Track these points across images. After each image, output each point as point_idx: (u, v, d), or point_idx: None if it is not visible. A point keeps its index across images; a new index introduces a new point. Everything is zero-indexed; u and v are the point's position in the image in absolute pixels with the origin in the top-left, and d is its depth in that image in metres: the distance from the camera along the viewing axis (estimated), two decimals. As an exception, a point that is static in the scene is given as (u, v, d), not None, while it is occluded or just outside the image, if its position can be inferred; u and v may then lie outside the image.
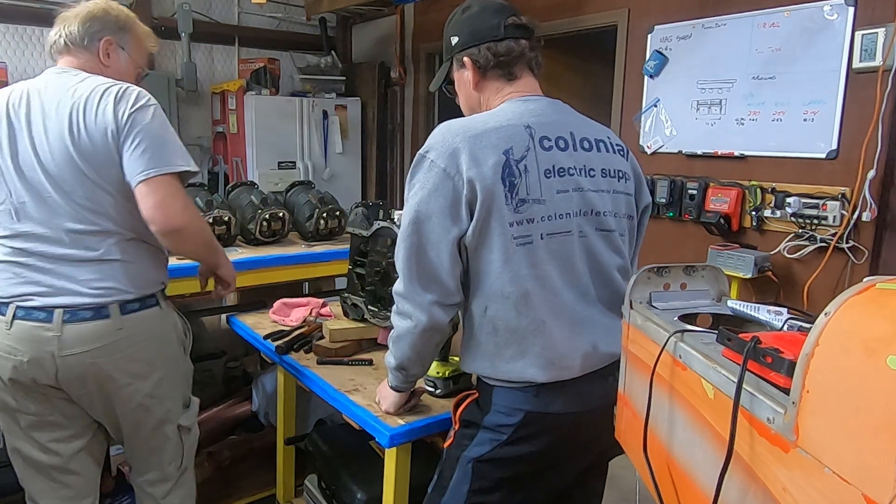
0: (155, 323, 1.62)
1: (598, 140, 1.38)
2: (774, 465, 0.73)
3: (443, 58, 1.46)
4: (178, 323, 1.73)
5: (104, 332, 1.51)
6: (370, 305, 1.88)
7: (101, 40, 1.59)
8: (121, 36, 1.63)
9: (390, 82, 5.18)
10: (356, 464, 1.91)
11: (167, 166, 1.48)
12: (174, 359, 1.71)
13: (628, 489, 1.88)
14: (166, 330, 1.67)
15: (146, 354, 1.61)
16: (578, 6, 3.65)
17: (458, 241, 1.24)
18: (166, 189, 1.48)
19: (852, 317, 0.67)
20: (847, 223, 2.58)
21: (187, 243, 1.58)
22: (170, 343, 1.69)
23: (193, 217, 1.56)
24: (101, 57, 1.60)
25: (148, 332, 1.61)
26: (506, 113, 1.31)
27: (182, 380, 1.77)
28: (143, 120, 1.48)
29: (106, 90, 1.49)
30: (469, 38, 1.37)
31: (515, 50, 1.36)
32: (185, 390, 1.79)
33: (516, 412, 1.29)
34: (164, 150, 1.49)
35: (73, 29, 1.57)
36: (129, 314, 1.54)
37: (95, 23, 1.58)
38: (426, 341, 1.32)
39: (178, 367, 1.74)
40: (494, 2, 1.41)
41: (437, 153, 1.24)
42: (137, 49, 1.68)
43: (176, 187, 1.50)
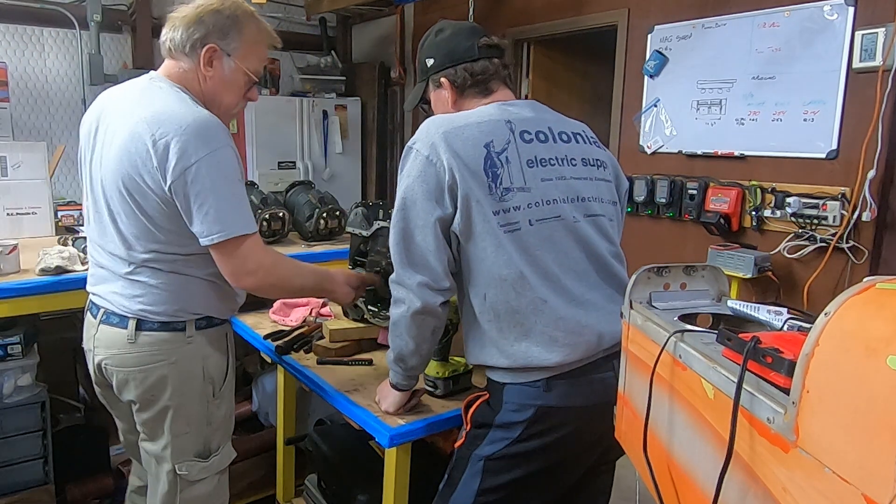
0: (172, 349, 1.49)
1: (574, 133, 1.45)
2: (774, 465, 0.73)
3: (419, 78, 1.53)
4: (213, 361, 1.55)
5: (119, 339, 1.49)
6: (370, 305, 1.87)
7: (203, 48, 1.43)
8: (227, 42, 1.45)
9: (390, 82, 5.19)
10: (356, 464, 1.91)
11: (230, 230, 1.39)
12: (191, 396, 1.53)
13: (628, 489, 1.88)
14: (187, 361, 1.51)
15: (154, 379, 1.49)
16: (578, 6, 3.65)
17: (443, 225, 1.29)
18: (233, 253, 1.41)
19: (852, 317, 0.67)
20: (847, 223, 2.58)
21: (269, 295, 1.65)
22: (189, 377, 1.52)
23: (266, 276, 1.46)
24: (202, 66, 1.45)
25: (160, 356, 1.48)
26: (487, 110, 1.38)
27: (198, 423, 1.55)
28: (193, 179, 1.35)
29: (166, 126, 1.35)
30: (445, 60, 1.44)
31: (490, 69, 1.43)
32: (202, 437, 1.57)
33: (527, 408, 1.31)
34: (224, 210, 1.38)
35: (176, 34, 1.44)
36: (144, 331, 1.48)
37: (200, 27, 1.43)
38: (420, 326, 1.34)
39: (194, 406, 1.54)
40: (465, 24, 1.49)
41: (422, 143, 1.31)
42: (248, 55, 1.48)
43: (245, 250, 1.42)
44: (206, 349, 1.54)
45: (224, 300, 1.57)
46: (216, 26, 1.44)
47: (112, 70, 4.46)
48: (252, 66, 1.51)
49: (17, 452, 2.16)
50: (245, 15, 1.48)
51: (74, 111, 4.51)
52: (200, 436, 1.56)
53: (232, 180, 1.39)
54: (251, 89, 1.55)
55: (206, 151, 1.34)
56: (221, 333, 1.59)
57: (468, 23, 1.51)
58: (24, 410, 2.15)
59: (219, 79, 1.48)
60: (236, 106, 1.56)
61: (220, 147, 1.37)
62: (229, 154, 1.39)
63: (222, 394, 1.59)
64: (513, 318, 1.31)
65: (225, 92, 1.50)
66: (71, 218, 3.07)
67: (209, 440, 1.58)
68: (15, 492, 2.16)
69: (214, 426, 1.58)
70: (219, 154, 1.36)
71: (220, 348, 1.58)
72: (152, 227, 1.42)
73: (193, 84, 1.48)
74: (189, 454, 1.56)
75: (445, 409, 1.55)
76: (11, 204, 2.60)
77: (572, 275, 1.33)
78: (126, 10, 4.54)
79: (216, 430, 1.59)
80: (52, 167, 3.10)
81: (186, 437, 1.54)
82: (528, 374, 1.31)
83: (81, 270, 2.02)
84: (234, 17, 1.45)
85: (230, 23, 1.45)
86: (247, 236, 1.42)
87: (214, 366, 1.56)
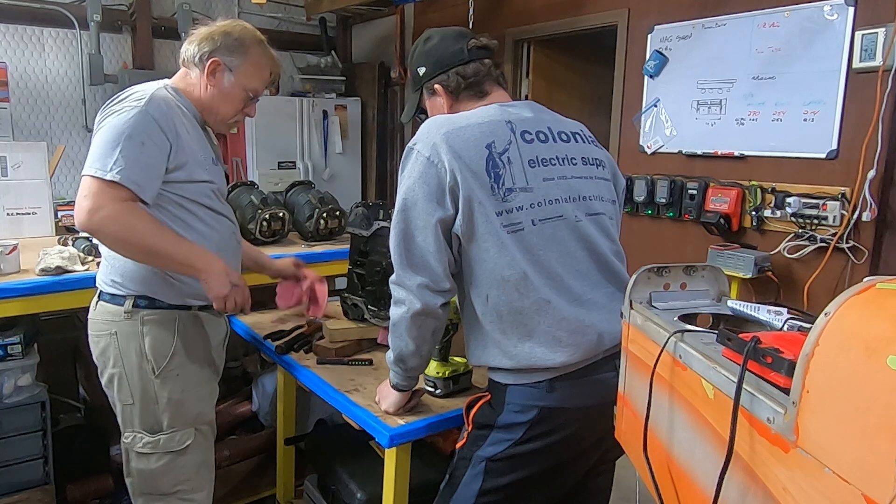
0: (114, 321, 1.60)
1: (573, 132, 1.46)
2: (774, 465, 0.73)
3: (412, 89, 1.53)
4: (152, 340, 1.60)
5: (91, 306, 1.68)
6: (370, 305, 1.87)
7: (209, 61, 1.62)
8: (231, 59, 1.64)
9: (390, 82, 5.19)
10: (356, 464, 1.91)
11: (89, 168, 1.46)
12: (130, 369, 1.62)
13: (628, 489, 1.88)
14: (125, 335, 1.60)
15: (102, 346, 1.64)
16: (578, 6, 3.65)
17: (444, 226, 1.29)
18: (82, 189, 1.46)
19: (852, 317, 0.67)
20: (847, 223, 2.58)
21: (114, 247, 1.53)
22: (127, 351, 1.61)
23: (105, 220, 1.44)
24: (206, 76, 1.63)
25: (106, 326, 1.62)
26: (488, 111, 1.38)
27: (142, 397, 1.63)
28: (106, 117, 1.51)
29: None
30: (436, 67, 1.45)
31: (482, 70, 1.44)
32: (149, 413, 1.64)
33: (530, 409, 1.31)
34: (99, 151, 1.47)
35: (191, 48, 1.64)
36: (101, 301, 1.65)
37: (208, 43, 1.62)
38: (420, 327, 1.34)
39: (135, 379, 1.62)
40: (452, 29, 1.49)
41: (423, 144, 1.31)
42: (249, 74, 1.67)
43: (92, 189, 1.44)
44: (144, 328, 1.61)
45: (171, 285, 1.61)
46: (224, 44, 1.63)
47: (112, 70, 4.46)
48: (251, 85, 1.68)
49: (16, 452, 2.16)
50: (252, 40, 1.67)
51: (74, 111, 4.51)
52: (147, 411, 1.64)
53: (123, 132, 1.46)
54: (249, 105, 1.73)
55: (126, 104, 1.51)
56: (167, 317, 1.62)
57: (454, 27, 1.51)
58: (24, 410, 2.15)
59: (218, 90, 1.65)
60: (232, 118, 1.72)
61: (140, 109, 1.49)
62: (144, 117, 1.48)
63: (164, 375, 1.62)
64: (516, 319, 1.30)
65: (222, 103, 1.67)
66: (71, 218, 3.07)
67: (158, 418, 1.65)
68: (15, 492, 2.15)
69: (161, 406, 1.64)
70: (134, 110, 1.49)
71: (161, 331, 1.62)
72: None
73: (195, 90, 1.66)
74: (136, 425, 1.65)
75: (445, 409, 1.55)
76: (11, 204, 2.60)
77: (575, 274, 1.33)
78: (126, 10, 4.54)
79: (164, 410, 1.64)
80: (52, 167, 3.10)
81: (132, 407, 1.64)
82: (531, 374, 1.31)
83: (81, 270, 2.02)
84: (241, 39, 1.65)
85: (237, 44, 1.64)
86: (101, 180, 1.44)
87: (152, 345, 1.61)
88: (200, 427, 1.71)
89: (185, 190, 1.59)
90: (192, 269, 1.57)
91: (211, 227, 1.66)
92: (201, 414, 1.72)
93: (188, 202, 1.60)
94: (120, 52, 4.64)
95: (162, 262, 1.57)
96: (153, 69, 4.48)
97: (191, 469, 1.70)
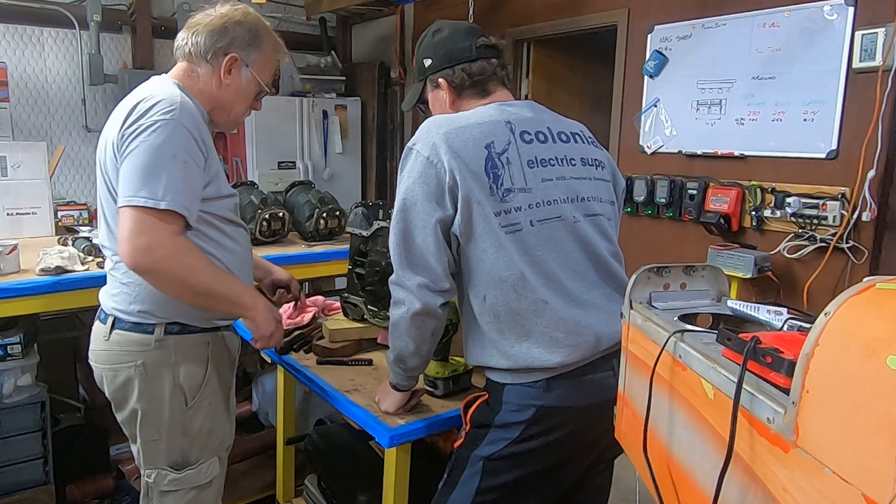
0: (139, 351, 1.45)
1: (573, 133, 1.45)
2: (774, 465, 0.73)
3: (416, 78, 1.52)
4: (185, 369, 1.48)
5: (98, 334, 1.51)
6: (370, 305, 1.87)
7: (226, 56, 1.47)
8: (248, 53, 1.49)
9: (390, 82, 5.19)
10: (356, 464, 1.91)
11: (136, 197, 1.30)
12: (159, 402, 1.48)
13: (628, 489, 1.88)
14: (155, 365, 1.46)
15: (122, 380, 1.47)
16: (578, 6, 3.65)
17: (443, 226, 1.29)
18: (131, 224, 1.30)
19: (852, 317, 0.67)
20: (847, 223, 2.58)
21: (160, 285, 1.38)
22: (157, 383, 1.47)
23: (162, 260, 1.31)
24: (221, 73, 1.48)
25: (128, 357, 1.46)
26: (487, 111, 1.38)
27: (170, 432, 1.50)
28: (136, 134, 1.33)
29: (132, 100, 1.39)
30: (443, 60, 1.44)
31: (488, 69, 1.43)
32: (175, 447, 1.52)
33: (527, 408, 1.31)
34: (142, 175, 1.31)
35: (200, 40, 1.46)
36: (117, 329, 1.47)
37: (224, 37, 1.46)
38: (420, 327, 1.34)
39: (164, 413, 1.49)
40: (462, 24, 1.48)
41: (422, 144, 1.30)
42: (263, 67, 1.54)
43: (145, 223, 1.30)
44: (177, 356, 1.47)
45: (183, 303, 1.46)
46: (239, 37, 1.48)
47: (112, 70, 4.46)
48: (265, 78, 1.56)
49: (16, 452, 2.16)
50: (264, 30, 1.54)
51: (74, 111, 4.51)
52: (174, 445, 1.51)
53: (165, 152, 1.32)
54: (258, 99, 1.59)
55: (152, 119, 1.33)
56: (199, 341, 1.51)
57: (465, 23, 1.50)
58: (24, 410, 2.15)
59: (235, 87, 1.51)
60: (244, 114, 1.60)
61: (169, 120, 1.34)
62: (178, 129, 1.34)
63: (196, 405, 1.51)
64: (513, 320, 1.30)
65: (236, 100, 1.54)
66: (71, 218, 3.07)
67: (186, 452, 1.52)
68: (15, 492, 2.15)
69: (190, 438, 1.52)
70: (165, 125, 1.33)
71: (195, 357, 1.50)
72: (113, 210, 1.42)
73: (205, 88, 1.50)
74: (160, 462, 1.52)
75: (445, 409, 1.55)
76: (11, 204, 2.60)
77: (572, 275, 1.34)
78: (126, 10, 4.54)
79: (193, 443, 1.53)
80: (52, 167, 3.10)
81: (157, 443, 1.50)
82: (529, 374, 1.31)
83: (81, 270, 2.03)
84: (255, 30, 1.51)
85: (252, 36, 1.50)
86: (153, 210, 1.29)
87: (186, 374, 1.48)
88: (221, 455, 1.62)
89: (214, 207, 1.47)
90: (242, 308, 1.48)
91: (236, 242, 1.55)
92: (224, 440, 1.63)
93: (216, 219, 1.48)
94: (120, 52, 4.64)
95: (212, 303, 1.46)
96: (153, 69, 4.48)
97: (212, 500, 1.62)
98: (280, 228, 2.60)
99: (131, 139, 1.33)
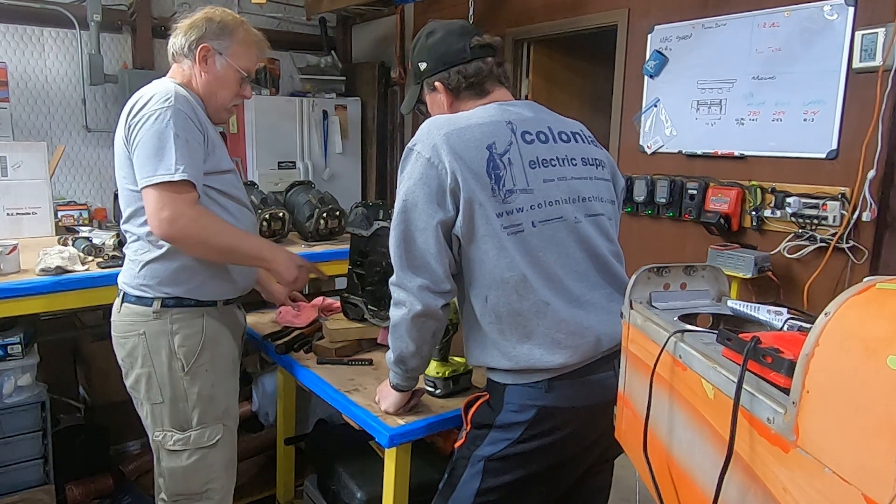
0: (141, 321, 1.62)
1: (573, 132, 1.45)
2: (774, 465, 0.73)
3: (412, 81, 1.51)
4: (182, 338, 1.63)
5: (115, 309, 1.70)
6: (370, 305, 1.87)
7: (198, 47, 1.63)
8: (219, 42, 1.65)
9: (390, 82, 5.19)
10: (356, 464, 1.91)
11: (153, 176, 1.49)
12: (160, 367, 1.63)
13: (628, 489, 1.88)
14: (154, 335, 1.62)
15: (129, 347, 1.64)
16: (578, 6, 3.65)
17: (444, 228, 1.29)
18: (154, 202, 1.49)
19: (852, 317, 0.67)
20: (847, 223, 2.58)
21: (193, 250, 1.58)
22: (157, 350, 1.63)
23: (186, 226, 1.51)
24: (198, 63, 1.64)
25: (133, 326, 1.63)
26: (488, 111, 1.37)
27: (172, 395, 1.65)
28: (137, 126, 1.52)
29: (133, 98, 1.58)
30: (438, 64, 1.43)
31: (484, 69, 1.42)
32: (178, 411, 1.66)
33: (529, 409, 1.31)
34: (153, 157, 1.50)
35: (178, 40, 1.66)
36: (125, 302, 1.66)
37: (194, 31, 1.64)
38: (420, 328, 1.34)
39: (164, 378, 1.64)
40: (456, 24, 1.47)
41: (423, 145, 1.30)
42: (238, 54, 1.68)
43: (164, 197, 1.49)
44: (174, 326, 1.63)
45: (199, 283, 1.64)
46: (209, 30, 1.65)
47: (112, 70, 4.46)
48: (242, 65, 1.69)
49: (17, 453, 2.16)
50: (235, 21, 1.69)
51: (74, 111, 4.51)
52: (176, 409, 1.66)
53: (166, 133, 1.49)
54: (244, 87, 1.73)
55: (152, 107, 1.52)
56: (195, 314, 1.65)
57: (459, 22, 1.48)
58: (24, 410, 2.15)
59: (213, 75, 1.66)
60: (231, 101, 1.72)
61: (166, 107, 1.51)
62: (175, 113, 1.51)
63: (193, 371, 1.65)
64: (515, 321, 1.30)
65: (219, 87, 1.68)
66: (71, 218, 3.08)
67: (188, 415, 1.67)
68: (15, 492, 2.15)
69: (191, 403, 1.66)
70: (163, 111, 1.51)
71: (190, 327, 1.65)
72: (132, 197, 1.59)
73: (192, 81, 1.67)
74: (166, 424, 1.67)
75: (445, 409, 1.55)
76: (11, 204, 2.60)
77: (573, 275, 1.33)
78: (126, 10, 4.54)
79: (194, 408, 1.66)
80: (52, 167, 3.10)
81: (161, 406, 1.66)
82: (530, 375, 1.31)
83: (81, 270, 2.03)
84: (224, 22, 1.67)
85: (221, 27, 1.66)
86: (168, 184, 1.48)
87: (182, 343, 1.63)
88: (227, 423, 1.73)
89: (214, 181, 1.62)
90: (262, 260, 1.67)
91: (237, 220, 1.68)
92: (228, 408, 1.74)
93: (217, 194, 1.64)
94: (120, 52, 4.64)
95: (236, 259, 1.66)
96: (153, 69, 4.48)
97: (220, 467, 1.73)
98: (280, 228, 2.60)
99: (137, 130, 1.52)
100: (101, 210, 3.80)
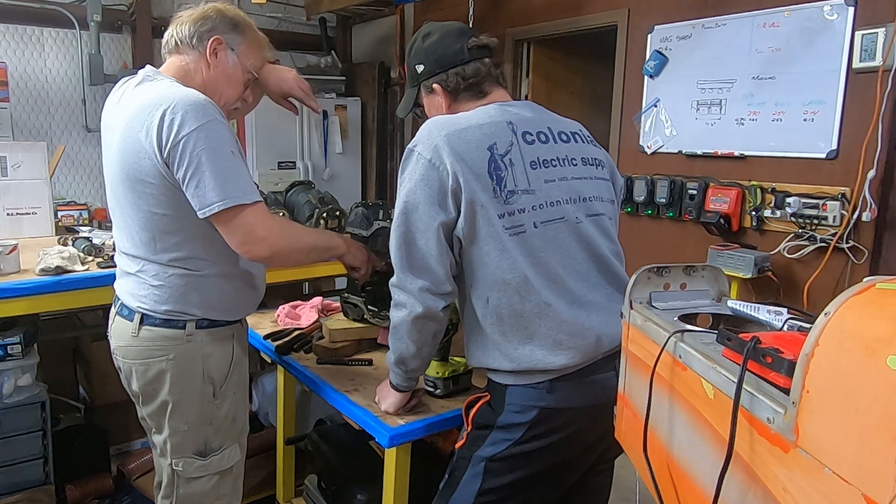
0: (171, 345, 1.50)
1: (573, 132, 1.45)
2: (774, 465, 0.73)
3: (409, 84, 1.52)
4: (214, 361, 1.55)
5: (126, 331, 1.53)
6: (370, 305, 1.88)
7: (210, 39, 1.52)
8: (232, 36, 1.55)
9: (390, 82, 5.18)
10: (356, 464, 1.91)
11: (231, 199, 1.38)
12: (189, 393, 1.53)
13: (628, 489, 1.88)
14: (186, 358, 1.51)
15: (153, 373, 1.52)
16: (578, 6, 3.65)
17: (445, 230, 1.28)
18: (243, 225, 1.41)
19: (852, 317, 0.67)
20: (847, 223, 2.58)
21: (284, 261, 1.62)
22: (188, 375, 1.52)
23: (277, 240, 1.46)
24: (207, 56, 1.53)
25: (160, 351, 1.50)
26: (488, 111, 1.37)
27: (197, 422, 1.55)
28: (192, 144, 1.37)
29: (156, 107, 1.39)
30: (435, 65, 1.43)
31: (482, 70, 1.42)
32: (201, 436, 1.57)
33: (530, 409, 1.31)
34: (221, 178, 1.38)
35: (183, 29, 1.54)
36: (147, 325, 1.51)
37: (207, 22, 1.53)
38: (421, 330, 1.33)
39: (193, 404, 1.54)
40: (452, 26, 1.46)
41: (424, 146, 1.29)
42: (248, 52, 1.59)
43: (249, 218, 1.41)
44: (207, 348, 1.53)
45: (230, 303, 1.56)
46: (222, 23, 1.55)
47: (112, 70, 4.45)
48: (251, 65, 1.60)
49: (17, 452, 2.16)
50: (246, 21, 1.61)
51: (74, 111, 4.51)
52: (200, 434, 1.57)
53: (225, 152, 1.40)
54: (248, 88, 1.64)
55: (196, 124, 1.37)
56: (226, 334, 1.57)
57: (455, 23, 1.48)
58: (24, 410, 2.15)
59: (222, 70, 1.55)
60: (235, 101, 1.62)
61: (210, 120, 1.39)
62: (221, 127, 1.41)
63: (223, 394, 1.57)
64: (516, 322, 1.30)
65: (226, 84, 1.57)
66: (71, 218, 3.07)
67: (209, 439, 1.58)
68: (15, 492, 2.15)
69: (215, 426, 1.58)
70: (210, 126, 1.38)
71: (222, 348, 1.56)
72: (155, 221, 1.45)
73: (196, 76, 1.54)
74: (187, 451, 1.57)
75: (445, 409, 1.55)
76: (11, 204, 2.60)
77: (575, 275, 1.33)
78: (126, 10, 4.54)
79: (217, 431, 1.58)
80: (52, 167, 3.10)
81: (185, 434, 1.56)
82: (532, 376, 1.31)
83: (81, 270, 2.03)
84: (236, 19, 1.58)
85: (234, 23, 1.57)
86: (248, 205, 1.40)
87: (215, 366, 1.55)
88: (242, 440, 1.67)
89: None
90: (336, 249, 1.66)
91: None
92: (245, 425, 1.68)
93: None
94: (120, 52, 4.64)
95: (316, 256, 1.69)
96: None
97: (231, 483, 1.66)
98: (280, 228, 2.60)
99: (183, 153, 1.36)
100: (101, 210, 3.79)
